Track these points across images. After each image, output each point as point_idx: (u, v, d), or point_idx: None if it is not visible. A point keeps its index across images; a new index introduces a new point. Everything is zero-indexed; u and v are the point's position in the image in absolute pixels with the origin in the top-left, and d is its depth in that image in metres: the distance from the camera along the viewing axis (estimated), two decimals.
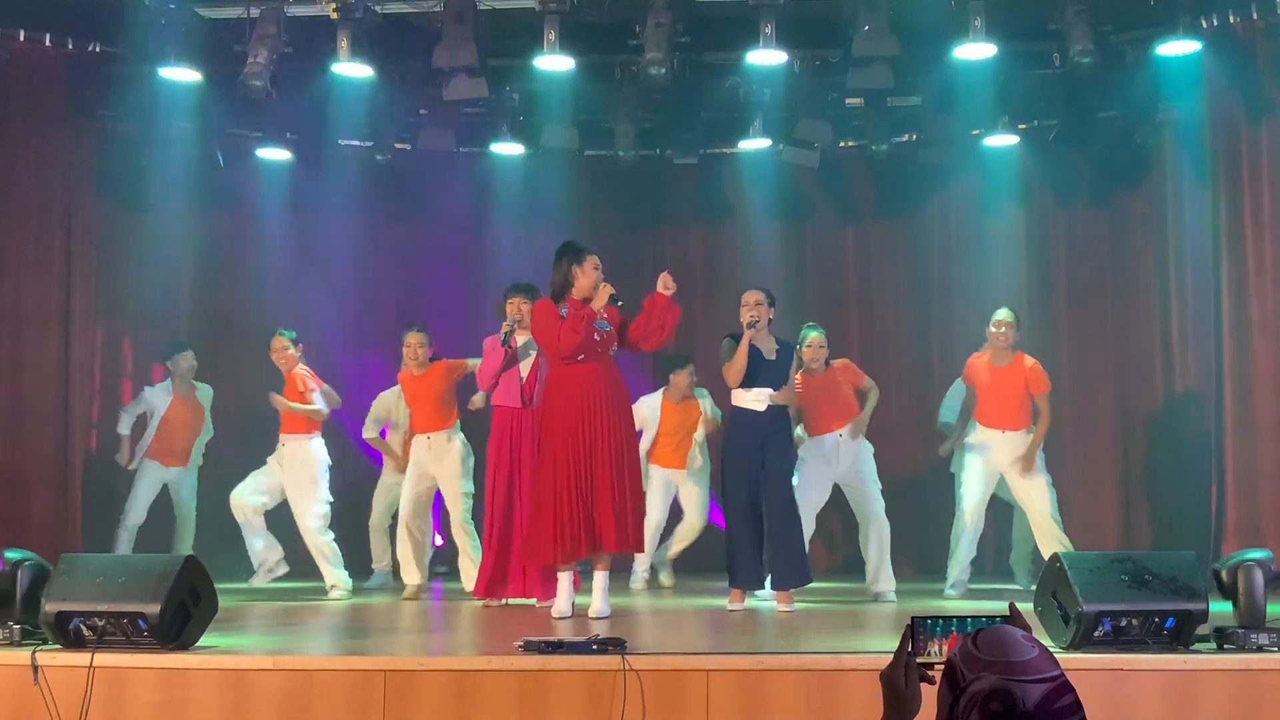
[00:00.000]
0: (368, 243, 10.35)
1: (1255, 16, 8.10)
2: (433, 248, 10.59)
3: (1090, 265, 9.87)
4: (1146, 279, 9.43)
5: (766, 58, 8.23)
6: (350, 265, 10.20)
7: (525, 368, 7.47)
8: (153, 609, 4.95)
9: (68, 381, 8.72)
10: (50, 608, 5.06)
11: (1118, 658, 4.85)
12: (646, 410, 8.63)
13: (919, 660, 2.29)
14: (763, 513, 7.14)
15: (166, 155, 9.16)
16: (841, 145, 10.03)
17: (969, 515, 8.03)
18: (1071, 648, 4.93)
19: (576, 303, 6.63)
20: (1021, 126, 9.62)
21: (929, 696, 2.17)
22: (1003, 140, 9.62)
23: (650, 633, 6.25)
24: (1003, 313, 8.04)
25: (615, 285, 6.69)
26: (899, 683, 2.25)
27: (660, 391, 8.80)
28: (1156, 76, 8.60)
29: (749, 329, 7.12)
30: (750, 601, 7.23)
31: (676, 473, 8.73)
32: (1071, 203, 9.99)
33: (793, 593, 7.14)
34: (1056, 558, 5.22)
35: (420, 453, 8.13)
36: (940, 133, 9.47)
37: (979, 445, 8.02)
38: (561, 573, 6.66)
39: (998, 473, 8.00)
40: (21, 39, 8.50)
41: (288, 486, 8.18)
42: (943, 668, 2.11)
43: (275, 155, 9.81)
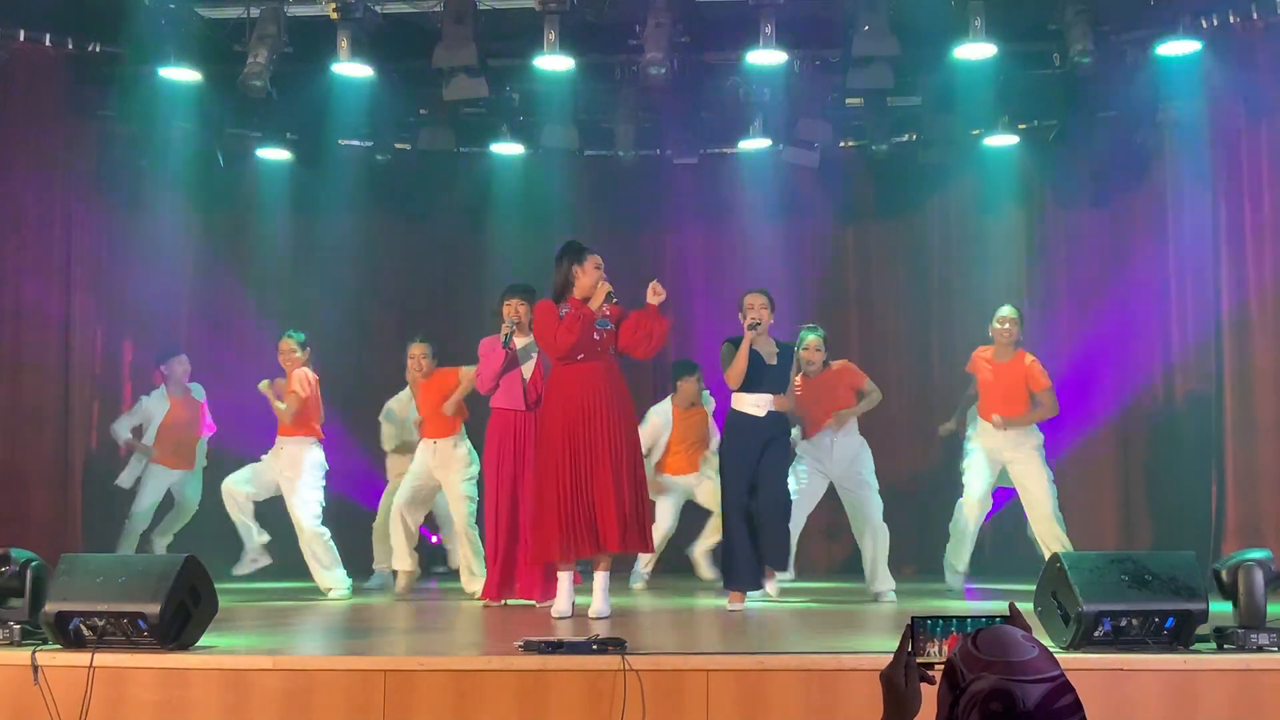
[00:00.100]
0: (368, 243, 10.36)
1: (1255, 16, 8.10)
2: (433, 248, 10.59)
3: (1090, 265, 9.86)
4: (1146, 279, 9.42)
5: (766, 58, 8.24)
6: (350, 265, 10.20)
7: (528, 370, 7.46)
8: (153, 609, 4.95)
9: (68, 381, 8.71)
10: (50, 608, 5.06)
11: (1118, 658, 4.86)
12: (659, 419, 8.63)
13: (919, 660, 2.29)
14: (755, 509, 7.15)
15: (166, 155, 9.17)
16: (841, 145, 10.03)
17: (968, 507, 8.05)
18: (1071, 648, 4.93)
19: (578, 302, 6.64)
20: (1021, 126, 9.62)
21: (929, 696, 2.17)
22: (1003, 140, 9.62)
23: (650, 633, 6.25)
24: (1006, 309, 8.09)
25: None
26: (899, 683, 2.25)
27: (669, 399, 8.80)
28: (1156, 76, 8.59)
29: (750, 331, 7.10)
30: (749, 602, 7.23)
31: (688, 478, 8.72)
32: (1071, 203, 9.98)
33: (777, 582, 7.25)
34: (1056, 558, 5.22)
35: (425, 456, 8.14)
36: (940, 133, 9.47)
37: (981, 440, 8.04)
38: (561, 572, 6.67)
39: (1000, 465, 8.03)
40: (21, 39, 8.50)
41: (284, 485, 8.16)
42: (943, 668, 2.11)
43: (275, 155, 9.81)
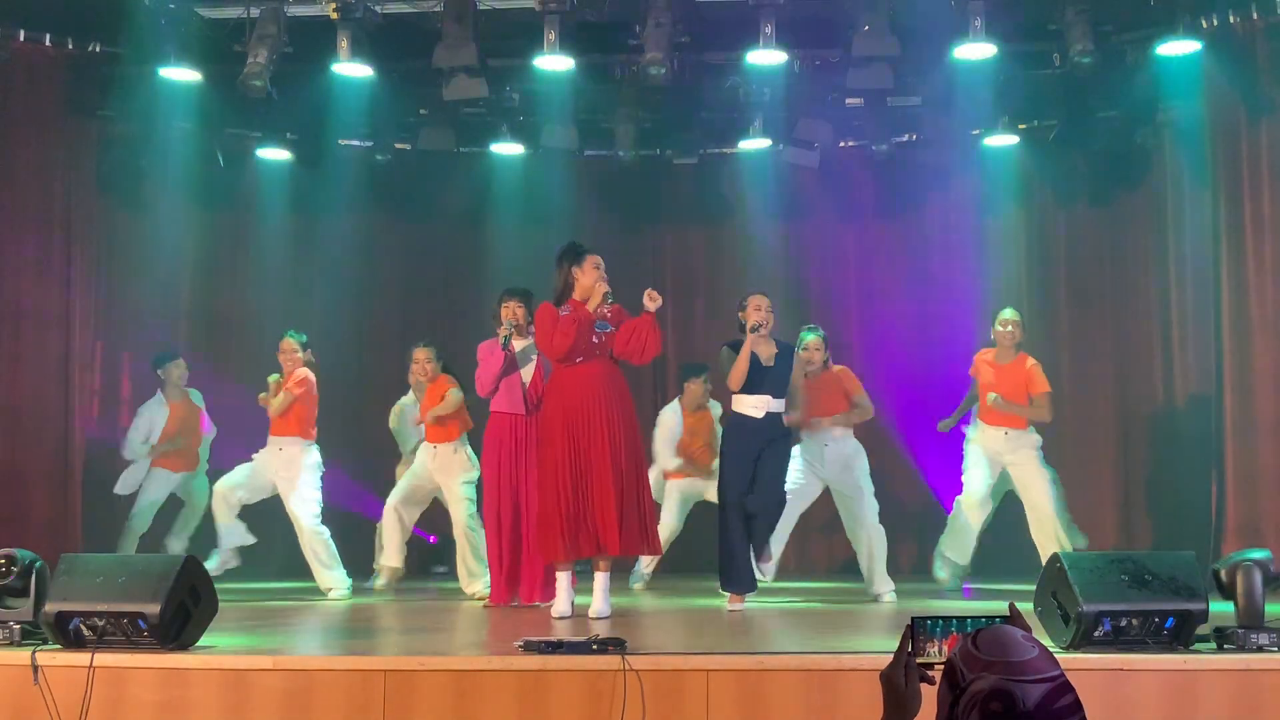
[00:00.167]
0: (368, 243, 10.36)
1: (1255, 16, 8.10)
2: (433, 248, 10.59)
3: (1090, 265, 9.87)
4: (1146, 279, 9.43)
5: (766, 58, 8.24)
6: (350, 265, 10.20)
7: (527, 373, 7.44)
8: (153, 609, 4.95)
9: (68, 381, 8.71)
10: (50, 608, 5.06)
11: (1118, 658, 4.85)
12: (672, 418, 8.63)
13: (919, 660, 2.29)
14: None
15: (166, 155, 9.17)
16: (841, 145, 10.04)
17: (969, 508, 8.05)
18: (1071, 648, 4.93)
19: (578, 304, 6.64)
20: (1021, 126, 9.62)
21: (929, 696, 2.17)
22: (1003, 140, 9.63)
23: (650, 633, 6.25)
24: (1009, 312, 8.11)
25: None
26: (899, 683, 2.25)
27: (677, 401, 8.81)
28: (1156, 76, 8.60)
29: (752, 333, 7.06)
30: (748, 602, 7.23)
31: (695, 481, 8.71)
32: (1071, 203, 9.99)
33: (772, 563, 7.35)
34: (1056, 558, 5.22)
35: (425, 459, 8.15)
36: (940, 133, 9.48)
37: (982, 441, 8.04)
38: (560, 572, 6.67)
39: (1000, 467, 8.03)
40: (21, 39, 8.50)
41: (282, 486, 8.14)
42: (943, 668, 2.11)
43: (275, 155, 9.81)
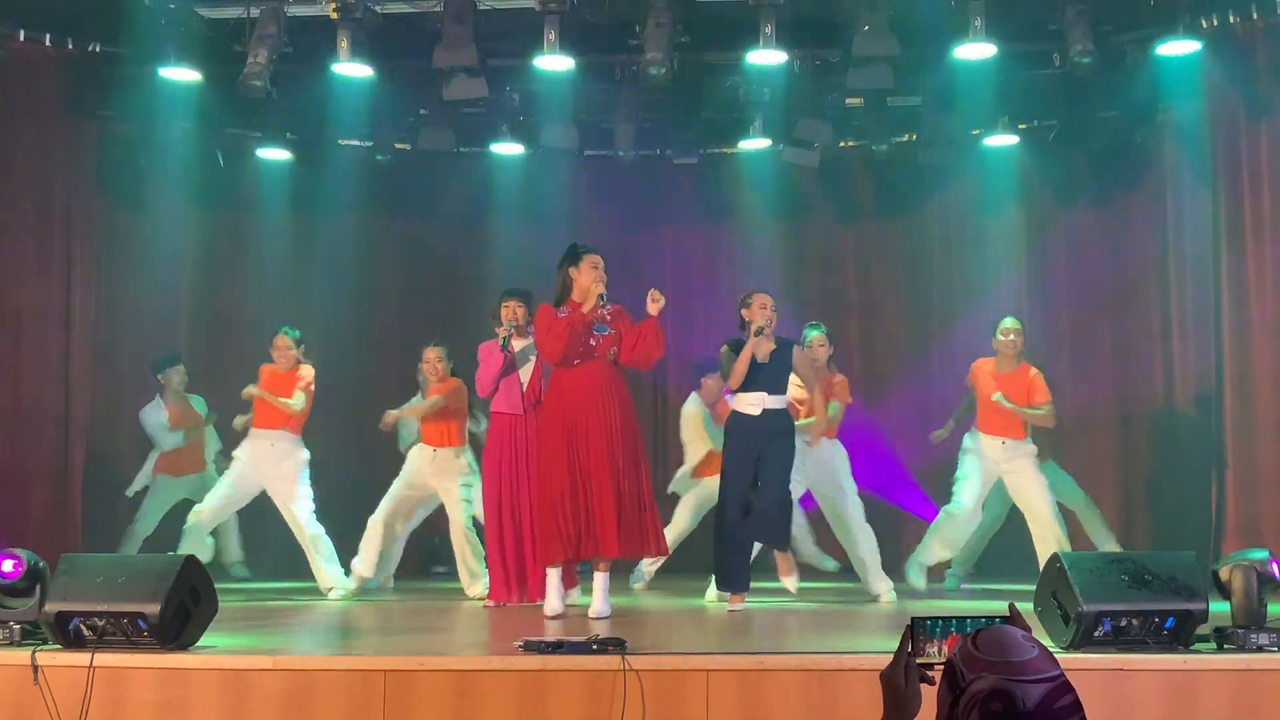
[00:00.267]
0: (368, 243, 10.36)
1: (1255, 16, 8.10)
2: (433, 248, 10.60)
3: (1090, 265, 9.87)
4: (1146, 279, 9.43)
5: (766, 58, 8.23)
6: (350, 265, 10.20)
7: (525, 374, 7.43)
8: (153, 609, 4.95)
9: (68, 381, 8.70)
10: (50, 608, 5.06)
11: (1118, 658, 4.85)
12: (696, 408, 8.64)
13: (919, 660, 2.29)
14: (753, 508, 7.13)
15: (166, 155, 9.18)
16: (841, 145, 10.03)
17: (960, 519, 8.04)
18: (1071, 648, 4.93)
19: (575, 305, 6.64)
20: (1021, 126, 9.62)
21: (929, 696, 2.17)
22: (1003, 140, 9.62)
23: (650, 633, 6.25)
24: (1010, 321, 8.05)
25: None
26: (899, 683, 2.25)
27: (695, 395, 8.81)
28: (1156, 76, 8.60)
29: (757, 335, 7.02)
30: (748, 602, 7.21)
31: (712, 480, 8.67)
32: (1071, 203, 9.99)
33: (796, 578, 7.26)
34: (1056, 558, 5.22)
35: (422, 463, 8.09)
36: (940, 133, 9.47)
37: (978, 451, 8.02)
38: (551, 570, 6.66)
39: (995, 477, 8.02)
40: (21, 39, 8.49)
41: (274, 487, 8.10)
42: (942, 668, 2.11)
43: (275, 155, 9.81)
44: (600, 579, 6.57)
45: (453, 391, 8.03)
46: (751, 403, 7.10)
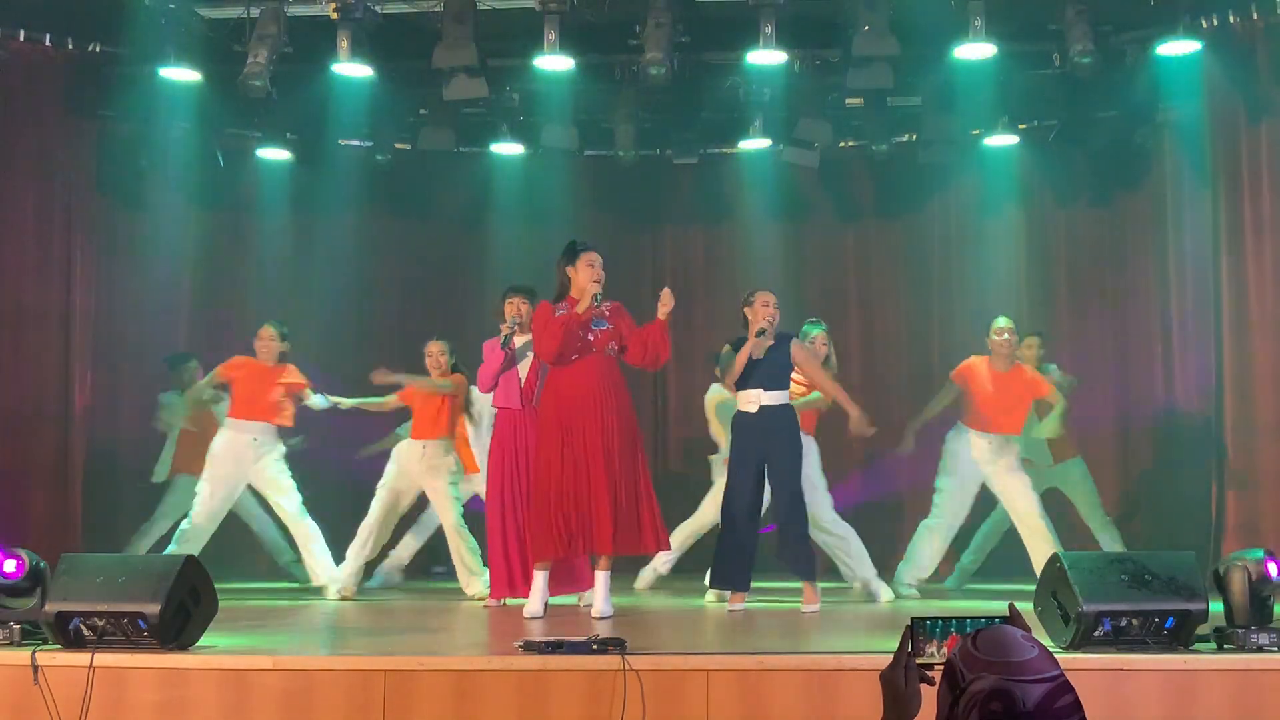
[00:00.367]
0: (368, 243, 10.36)
1: (1255, 16, 8.10)
2: (433, 248, 10.60)
3: (1090, 265, 9.87)
4: (1146, 279, 9.43)
5: (766, 58, 8.23)
6: (350, 265, 10.20)
7: (524, 369, 7.45)
8: (153, 609, 4.95)
9: (68, 381, 8.70)
10: (50, 608, 5.06)
11: (1118, 658, 4.86)
12: (720, 393, 8.61)
13: (919, 661, 2.29)
14: (762, 511, 7.12)
15: (166, 155, 9.17)
16: (841, 145, 10.03)
17: (939, 530, 8.05)
18: (1071, 648, 4.93)
19: (573, 302, 6.65)
20: (1021, 126, 9.62)
21: (929, 697, 2.17)
22: (1003, 140, 9.63)
23: (650, 633, 6.25)
24: (1004, 320, 8.09)
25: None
26: (899, 683, 2.25)
27: (716, 383, 8.78)
28: (1156, 76, 8.60)
29: (759, 337, 7.00)
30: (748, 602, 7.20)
31: None
32: (1071, 203, 9.99)
33: (820, 601, 7.03)
34: (1056, 558, 5.23)
35: (411, 459, 8.09)
36: (940, 133, 9.47)
37: (962, 450, 8.02)
38: (538, 571, 6.66)
39: (979, 479, 8.03)
40: (21, 39, 8.49)
41: (264, 484, 8.11)
42: (942, 668, 2.11)
43: (275, 155, 9.81)
44: (601, 578, 6.56)
45: (458, 385, 8.08)
46: (748, 400, 7.09)
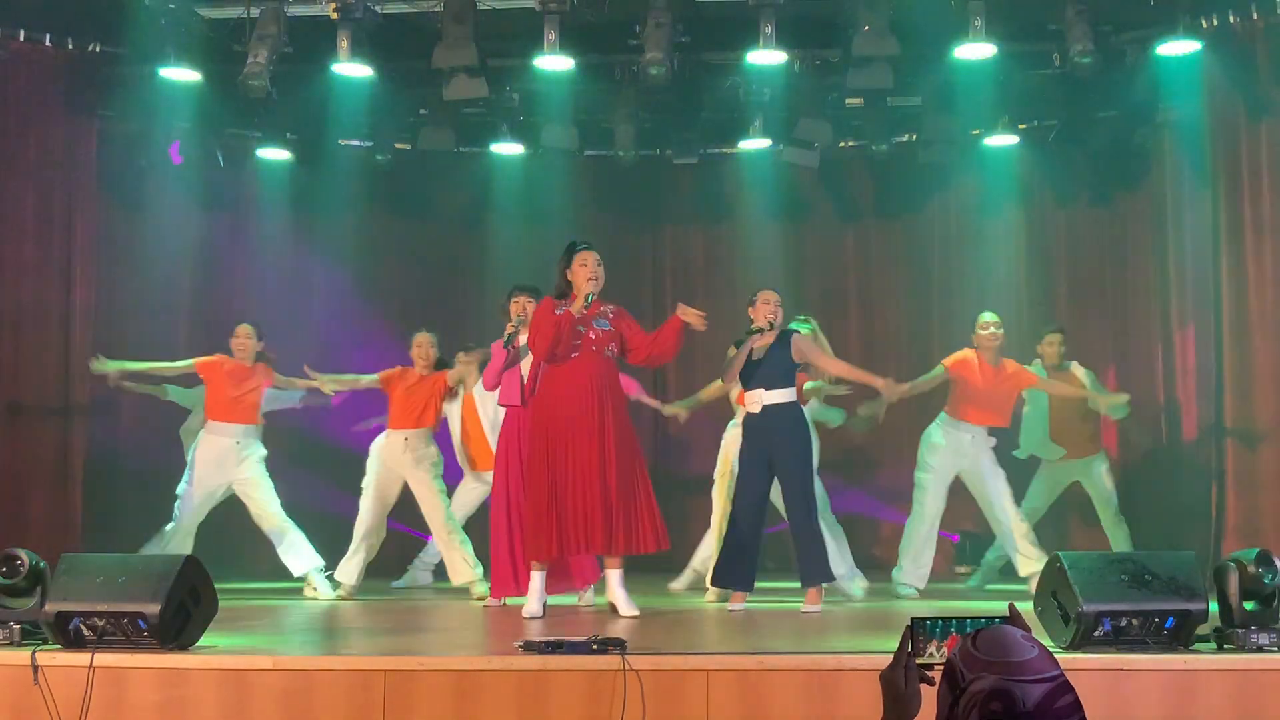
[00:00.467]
0: (368, 243, 10.36)
1: (1255, 16, 8.10)
2: (433, 248, 10.60)
3: (1090, 265, 9.88)
4: (1146, 279, 9.43)
5: (766, 58, 8.24)
6: (350, 265, 10.20)
7: (526, 367, 7.46)
8: (153, 609, 4.95)
9: (68, 382, 8.70)
10: (50, 608, 5.06)
11: (1118, 658, 4.85)
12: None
13: (919, 661, 2.29)
14: (767, 514, 7.12)
15: (167, 155, 9.17)
16: (841, 145, 10.03)
17: (929, 507, 8.06)
18: (1071, 648, 4.93)
19: (574, 301, 6.65)
20: (1021, 126, 9.63)
21: (929, 697, 2.17)
22: (1003, 140, 9.63)
23: (650, 633, 6.24)
24: (989, 315, 8.13)
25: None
26: (899, 683, 2.25)
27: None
28: (1156, 76, 8.60)
29: (758, 335, 6.99)
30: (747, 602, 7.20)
31: None
32: (1071, 203, 10.00)
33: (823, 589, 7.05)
34: (1057, 558, 5.22)
35: (394, 452, 8.09)
36: (940, 133, 9.47)
37: (945, 443, 8.04)
38: (535, 572, 6.65)
39: (954, 471, 8.08)
40: (21, 39, 8.50)
41: (241, 481, 8.10)
42: (942, 668, 2.11)
43: (275, 155, 9.81)
44: (614, 576, 6.56)
45: (453, 375, 8.13)
46: (751, 401, 7.08)
